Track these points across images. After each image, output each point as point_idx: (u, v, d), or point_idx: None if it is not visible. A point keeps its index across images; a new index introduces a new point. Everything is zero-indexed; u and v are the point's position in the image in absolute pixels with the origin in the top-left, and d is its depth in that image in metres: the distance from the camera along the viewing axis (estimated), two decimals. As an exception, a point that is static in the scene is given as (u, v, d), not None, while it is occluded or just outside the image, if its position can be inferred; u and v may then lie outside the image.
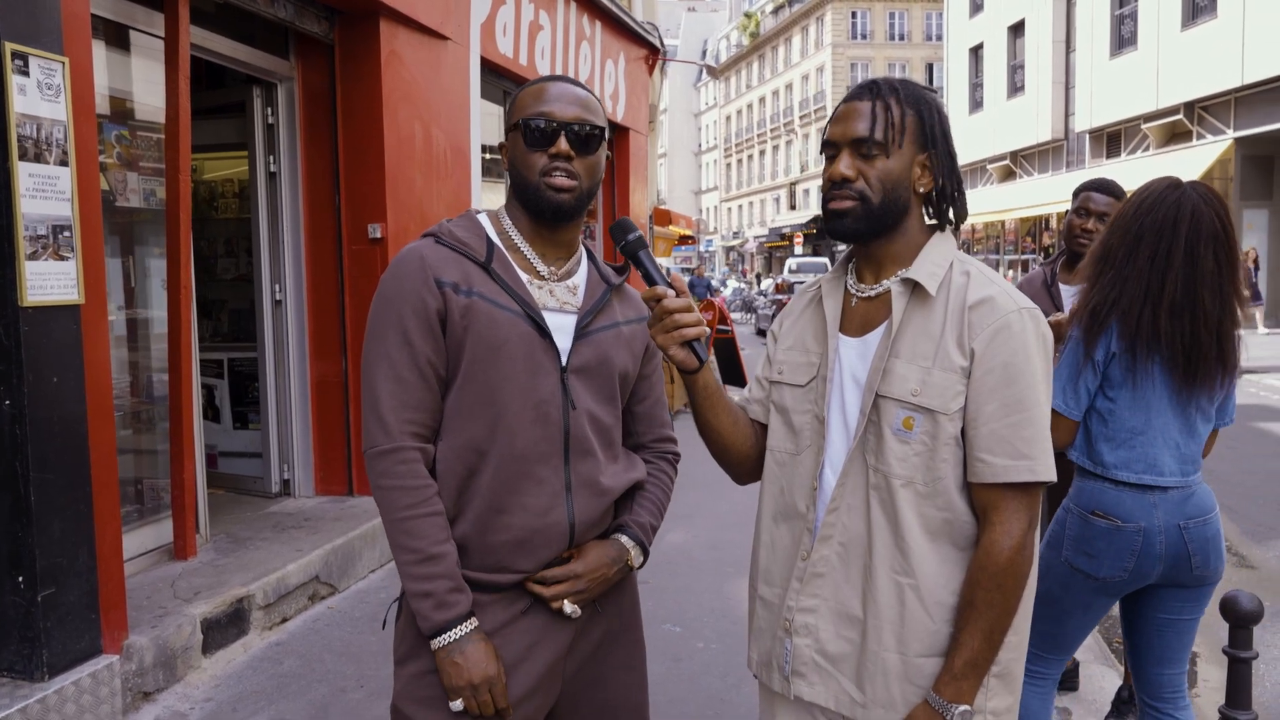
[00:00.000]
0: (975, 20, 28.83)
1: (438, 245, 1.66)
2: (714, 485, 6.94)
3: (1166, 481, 2.28)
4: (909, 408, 1.48)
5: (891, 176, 1.52)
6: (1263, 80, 17.12)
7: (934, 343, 1.49)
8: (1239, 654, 2.18)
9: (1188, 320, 2.23)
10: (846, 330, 1.61)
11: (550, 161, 1.64)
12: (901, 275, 1.54)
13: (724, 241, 64.50)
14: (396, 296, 1.62)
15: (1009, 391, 1.45)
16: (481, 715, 1.59)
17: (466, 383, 1.62)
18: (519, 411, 1.62)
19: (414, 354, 1.60)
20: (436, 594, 1.57)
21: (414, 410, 1.61)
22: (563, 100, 1.66)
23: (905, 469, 1.49)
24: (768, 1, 58.70)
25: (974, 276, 1.52)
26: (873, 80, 1.58)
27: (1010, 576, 1.46)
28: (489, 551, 1.63)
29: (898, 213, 1.54)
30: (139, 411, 4.53)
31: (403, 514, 1.58)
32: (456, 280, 1.61)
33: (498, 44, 6.75)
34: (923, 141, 1.54)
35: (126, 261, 4.47)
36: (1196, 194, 2.29)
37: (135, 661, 3.39)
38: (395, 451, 1.59)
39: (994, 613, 1.46)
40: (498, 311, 1.62)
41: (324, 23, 5.21)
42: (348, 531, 4.77)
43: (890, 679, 1.51)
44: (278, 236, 5.35)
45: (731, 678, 3.67)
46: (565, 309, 1.70)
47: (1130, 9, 21.09)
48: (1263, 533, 5.39)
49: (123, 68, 4.37)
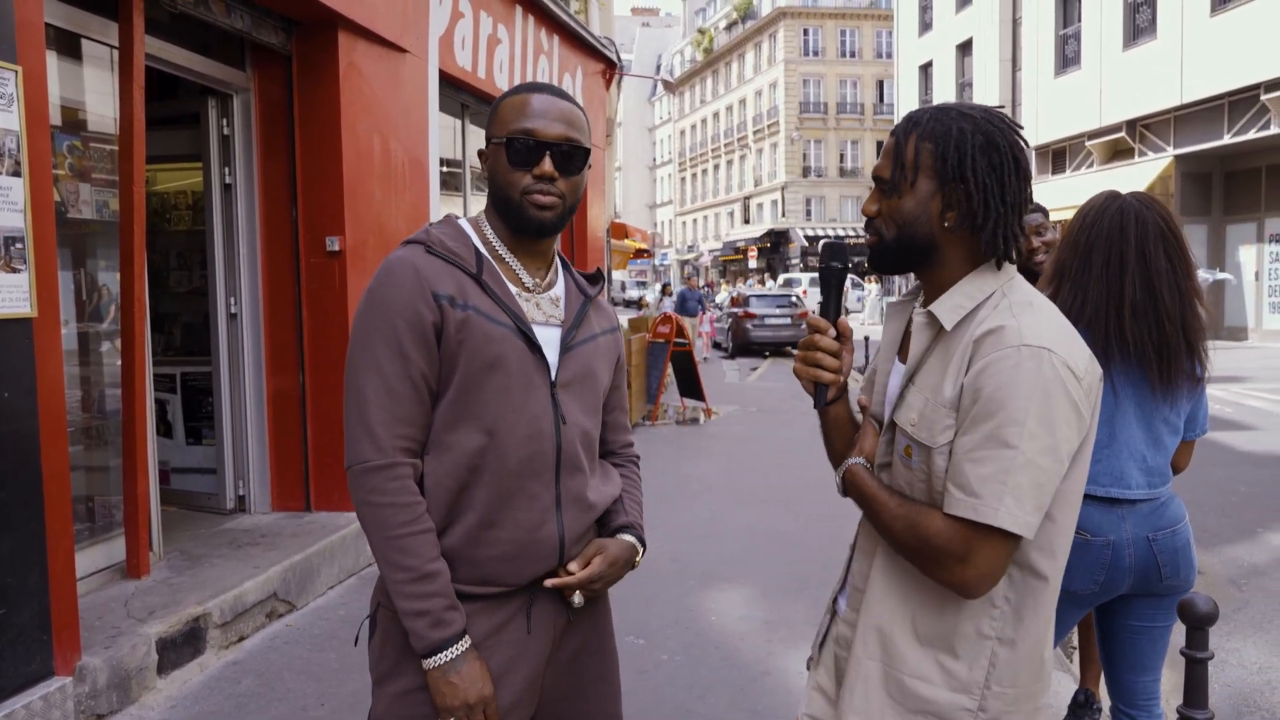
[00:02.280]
0: (925, 39, 29.38)
1: (429, 255, 1.62)
2: (675, 497, 6.99)
3: (1133, 494, 2.32)
4: (907, 437, 1.50)
5: (903, 214, 1.50)
6: (1200, 100, 17.66)
7: (940, 376, 1.47)
8: (1196, 655, 2.23)
9: (1152, 319, 2.27)
10: (902, 355, 1.62)
11: (534, 181, 1.62)
12: (928, 308, 1.52)
13: (679, 255, 64.76)
14: (389, 306, 1.58)
15: (984, 426, 1.38)
16: None
17: (459, 398, 1.59)
18: (513, 428, 1.60)
19: (408, 366, 1.57)
20: (433, 612, 1.54)
21: (405, 425, 1.57)
22: (548, 117, 1.63)
23: (913, 493, 1.50)
24: (721, 18, 59.25)
25: (1000, 308, 1.45)
26: (910, 113, 1.55)
27: (915, 539, 1.43)
28: (477, 565, 1.62)
29: (919, 249, 1.51)
30: (91, 427, 4.43)
31: (396, 532, 1.55)
32: (452, 293, 1.58)
33: (456, 57, 6.74)
34: (943, 175, 1.47)
35: (78, 274, 4.38)
36: (1136, 201, 2.35)
37: (88, 683, 3.31)
38: (388, 468, 1.55)
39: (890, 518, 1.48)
40: (492, 326, 1.59)
41: (281, 33, 5.16)
42: (306, 548, 4.70)
43: (870, 687, 1.52)
44: (233, 249, 5.28)
45: (697, 689, 3.67)
46: (551, 322, 1.69)
47: (1074, 30, 21.64)
48: (1209, 539, 5.54)
49: (75, 77, 4.29)
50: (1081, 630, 3.38)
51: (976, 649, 1.47)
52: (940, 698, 1.47)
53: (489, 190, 1.70)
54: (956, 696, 1.47)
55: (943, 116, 1.49)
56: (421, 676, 1.58)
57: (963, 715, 1.47)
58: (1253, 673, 3.80)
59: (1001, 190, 1.46)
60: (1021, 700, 1.49)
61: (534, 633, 1.67)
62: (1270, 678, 3.76)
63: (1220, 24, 17.09)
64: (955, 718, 1.47)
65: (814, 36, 49.55)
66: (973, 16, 26.05)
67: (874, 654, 1.53)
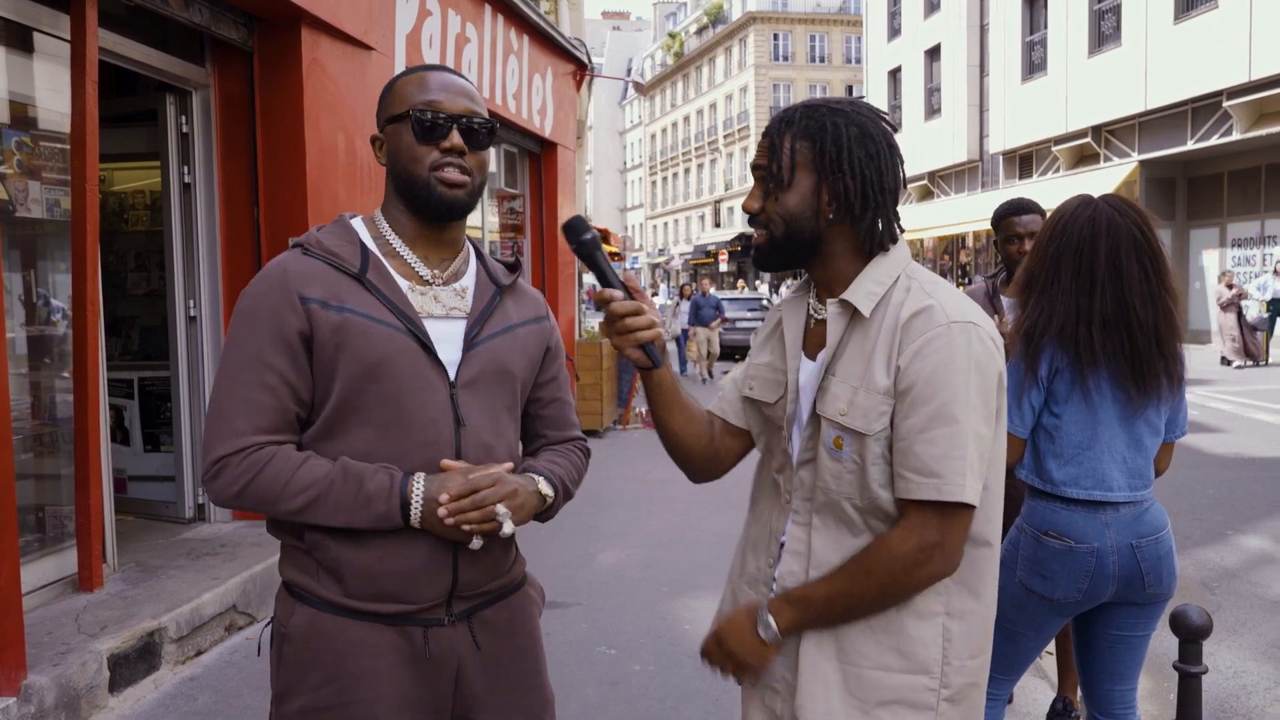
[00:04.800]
0: (894, 44, 29.58)
1: (305, 257, 1.54)
2: (645, 504, 6.92)
3: (1115, 497, 2.27)
4: (837, 427, 1.47)
5: (788, 210, 1.50)
6: (1164, 106, 17.91)
7: (865, 363, 1.46)
8: (1189, 669, 2.18)
9: (1124, 331, 2.23)
10: (808, 351, 1.59)
11: (442, 156, 1.54)
12: (841, 297, 1.51)
13: (649, 258, 64.78)
14: (252, 312, 1.50)
15: (928, 407, 1.40)
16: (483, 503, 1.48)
17: (344, 404, 1.50)
18: (404, 433, 1.51)
19: (265, 374, 1.48)
20: (372, 498, 1.46)
21: (264, 433, 1.48)
22: (450, 91, 1.57)
23: (841, 486, 1.48)
24: (691, 22, 59.37)
25: (913, 290, 1.48)
26: (781, 111, 1.56)
27: (884, 572, 1.43)
28: (369, 580, 1.51)
29: (806, 243, 1.52)
30: (41, 434, 4.28)
31: (285, 480, 1.46)
32: (323, 296, 1.49)
33: (424, 56, 6.63)
34: (822, 170, 1.48)
35: (28, 275, 4.23)
36: (1110, 206, 2.29)
37: (34, 703, 3.16)
38: (242, 451, 1.47)
39: (849, 589, 1.45)
40: (373, 326, 1.50)
41: (242, 29, 5.03)
42: (267, 558, 4.57)
43: (830, 689, 1.49)
44: (192, 250, 5.13)
45: (670, 700, 3.59)
46: (453, 315, 1.59)
47: (1040, 36, 21.87)
48: (1179, 542, 5.46)
49: (25, 72, 4.14)
50: (1058, 638, 3.34)
51: (930, 627, 1.48)
52: (902, 683, 1.47)
53: (389, 177, 1.61)
54: (917, 678, 1.47)
55: (814, 113, 1.50)
56: (316, 695, 1.50)
57: (926, 695, 1.47)
58: (1228, 678, 3.78)
59: (880, 178, 1.49)
60: (980, 671, 1.51)
61: (434, 660, 1.56)
62: (1245, 683, 3.74)
63: (1183, 32, 17.34)
64: (919, 699, 1.47)
65: (784, 41, 49.83)
66: (941, 22, 26.24)
67: (829, 654, 1.50)
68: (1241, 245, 18.64)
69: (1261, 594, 4.78)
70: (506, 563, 1.66)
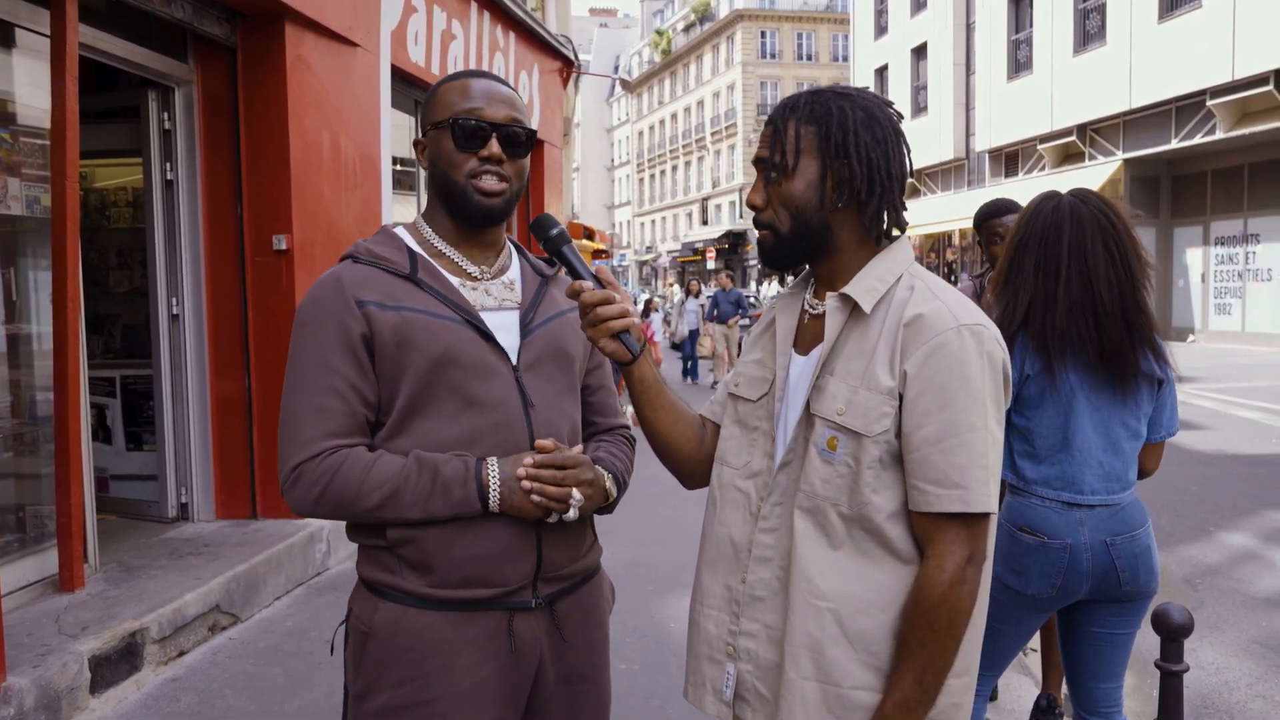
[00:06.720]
0: (880, 42, 29.65)
1: (356, 265, 1.57)
2: (632, 501, 6.87)
3: (1088, 500, 2.27)
4: (833, 427, 1.42)
5: (794, 200, 1.45)
6: (1148, 105, 18.01)
7: (866, 361, 1.42)
8: (1170, 667, 2.18)
9: (1090, 317, 2.22)
10: (799, 347, 1.55)
11: (480, 164, 1.56)
12: (841, 291, 1.46)
13: (637, 256, 64.75)
14: (314, 321, 1.53)
15: (943, 415, 1.35)
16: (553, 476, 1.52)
17: (414, 398, 1.52)
18: (476, 419, 1.53)
19: (334, 379, 1.50)
20: (450, 486, 1.48)
21: (337, 437, 1.51)
22: (492, 99, 1.59)
23: (829, 490, 1.42)
24: (679, 19, 59.33)
25: (918, 291, 1.43)
26: (786, 98, 1.52)
27: (943, 612, 1.35)
28: (455, 567, 1.52)
29: (815, 235, 1.47)
30: (21, 434, 4.24)
31: (360, 481, 1.48)
32: (379, 298, 1.52)
33: (409, 52, 6.60)
34: (827, 154, 1.44)
35: (7, 273, 4.19)
36: (1074, 198, 2.31)
37: (14, 705, 3.13)
38: (316, 456, 1.49)
39: (926, 652, 1.36)
40: (432, 321, 1.52)
41: (225, 25, 4.99)
42: (251, 557, 4.54)
43: (810, 709, 1.42)
44: (175, 247, 5.09)
45: (656, 699, 3.59)
46: (506, 306, 1.62)
47: (1025, 35, 21.95)
48: (1163, 539, 5.54)
49: (4, 67, 4.10)
50: (1043, 634, 3.35)
51: None
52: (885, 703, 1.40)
53: (430, 181, 1.63)
54: None
55: (819, 98, 1.47)
56: (398, 693, 1.50)
57: None
58: (1210, 674, 3.80)
59: (886, 163, 1.45)
60: (964, 691, 1.44)
61: (518, 652, 1.57)
62: (1228, 678, 3.77)
63: (1167, 31, 17.43)
64: None
65: (771, 39, 49.84)
66: (927, 21, 26.32)
67: (808, 673, 1.42)
68: (1225, 243, 18.77)
69: (1244, 590, 4.81)
70: (584, 545, 1.69)
